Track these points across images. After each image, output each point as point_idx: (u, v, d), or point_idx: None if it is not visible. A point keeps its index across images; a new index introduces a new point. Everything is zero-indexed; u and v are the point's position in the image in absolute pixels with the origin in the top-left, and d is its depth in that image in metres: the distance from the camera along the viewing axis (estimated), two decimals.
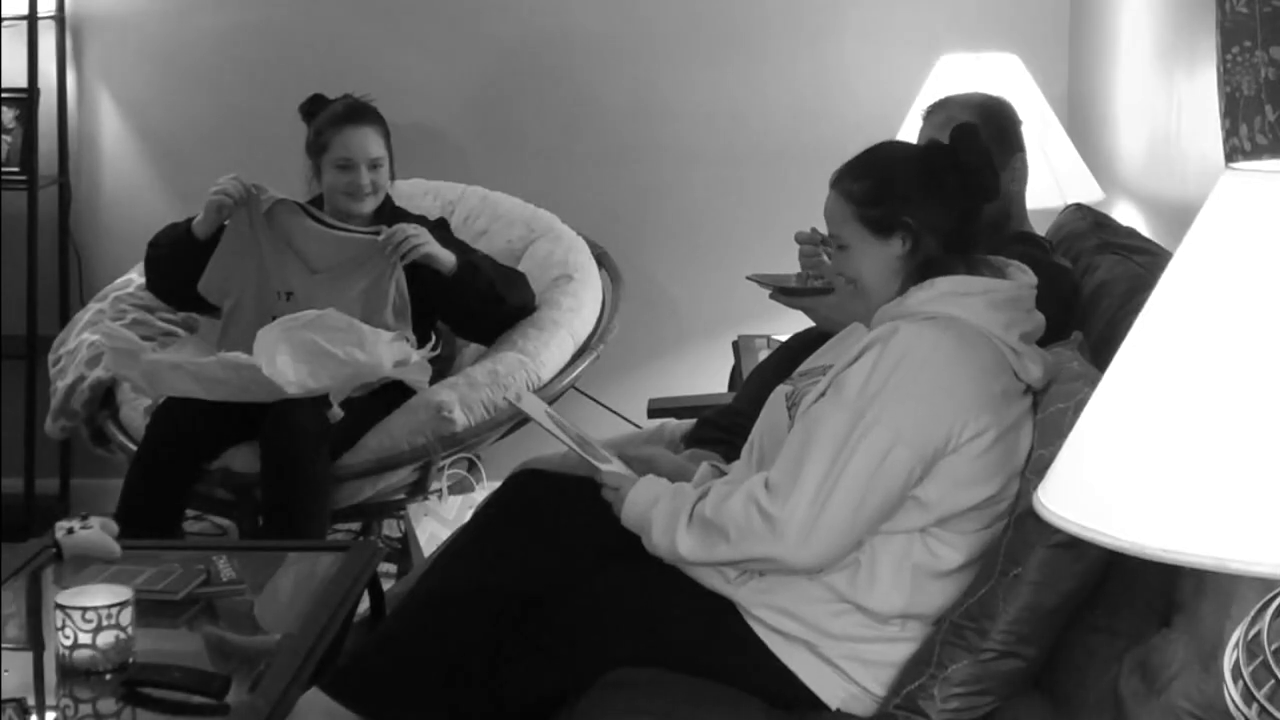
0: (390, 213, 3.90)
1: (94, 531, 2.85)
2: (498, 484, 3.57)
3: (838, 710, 2.36)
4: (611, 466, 2.51)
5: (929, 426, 2.28)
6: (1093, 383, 2.17)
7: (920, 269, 2.41)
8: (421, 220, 3.90)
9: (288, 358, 3.50)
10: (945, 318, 2.34)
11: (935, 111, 3.14)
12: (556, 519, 2.56)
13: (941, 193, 2.44)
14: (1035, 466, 2.29)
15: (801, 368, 2.66)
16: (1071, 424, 1.32)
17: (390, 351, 3.60)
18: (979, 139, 2.51)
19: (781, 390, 2.56)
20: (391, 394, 3.73)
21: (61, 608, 2.35)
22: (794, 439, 2.34)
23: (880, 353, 2.32)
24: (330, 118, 3.85)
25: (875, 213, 2.43)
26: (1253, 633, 1.36)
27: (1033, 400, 2.40)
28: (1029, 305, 2.44)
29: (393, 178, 3.93)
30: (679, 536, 2.35)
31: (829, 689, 2.36)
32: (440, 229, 3.89)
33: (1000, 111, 3.12)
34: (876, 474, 2.27)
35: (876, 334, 2.36)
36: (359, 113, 3.87)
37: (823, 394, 2.37)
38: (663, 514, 2.37)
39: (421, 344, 3.76)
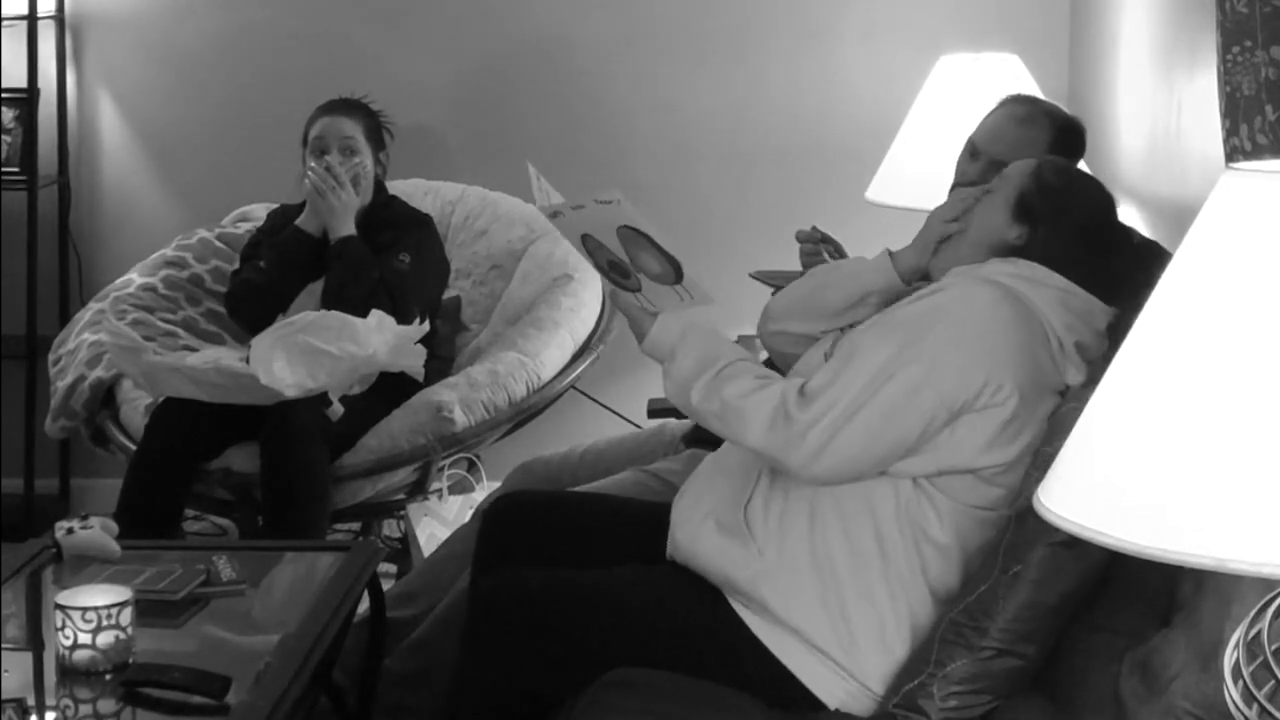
0: (385, 205, 3.93)
1: (94, 531, 2.84)
2: (498, 484, 3.57)
3: (836, 710, 2.36)
4: (652, 291, 2.57)
5: (963, 377, 2.29)
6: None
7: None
8: (417, 217, 3.93)
9: (284, 363, 3.49)
10: (1011, 291, 2.38)
11: (1018, 104, 3.13)
12: (544, 533, 2.66)
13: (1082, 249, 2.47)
14: (1038, 462, 2.29)
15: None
16: None
17: (381, 337, 3.59)
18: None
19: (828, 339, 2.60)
20: (391, 393, 3.73)
21: (61, 608, 2.34)
22: (837, 357, 2.38)
23: (938, 298, 2.37)
24: (314, 110, 3.91)
25: (1029, 204, 2.47)
26: (1253, 633, 1.36)
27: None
28: (1099, 327, 2.43)
29: (384, 173, 3.94)
30: (695, 387, 2.40)
31: (827, 689, 2.36)
32: (421, 225, 3.93)
33: (1075, 131, 3.10)
34: (901, 409, 2.28)
35: (938, 284, 2.42)
36: (340, 103, 3.93)
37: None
38: (693, 355, 2.43)
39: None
